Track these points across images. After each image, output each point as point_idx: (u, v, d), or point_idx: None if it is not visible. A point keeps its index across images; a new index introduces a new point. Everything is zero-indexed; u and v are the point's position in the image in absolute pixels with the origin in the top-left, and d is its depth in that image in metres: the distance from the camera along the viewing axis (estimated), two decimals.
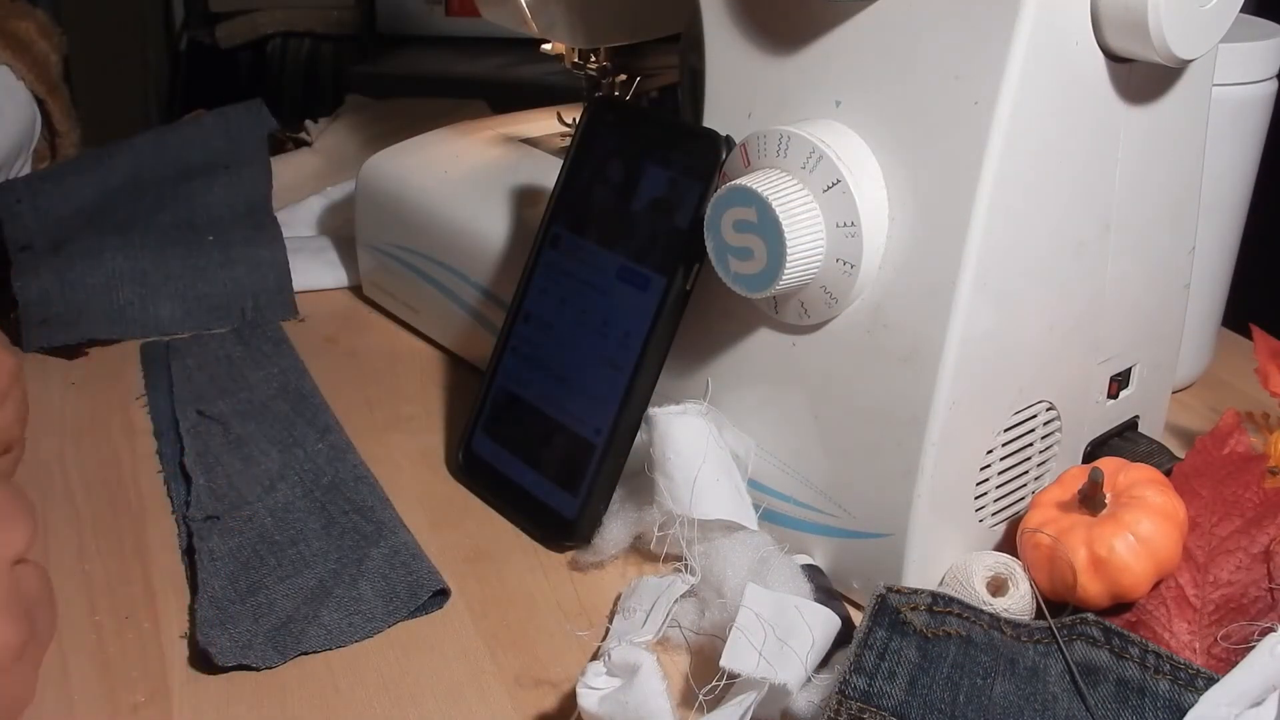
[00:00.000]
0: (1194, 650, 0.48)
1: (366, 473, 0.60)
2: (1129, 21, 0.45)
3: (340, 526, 0.56)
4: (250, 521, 0.56)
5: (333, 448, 0.62)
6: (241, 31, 1.77)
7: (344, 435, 0.63)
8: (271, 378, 0.68)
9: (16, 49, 0.90)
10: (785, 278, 0.48)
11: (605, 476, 0.56)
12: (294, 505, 0.57)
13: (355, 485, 0.58)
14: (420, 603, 0.52)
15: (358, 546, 0.54)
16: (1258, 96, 0.64)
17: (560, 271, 0.59)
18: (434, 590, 0.52)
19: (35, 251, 0.77)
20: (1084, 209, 0.50)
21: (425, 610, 0.52)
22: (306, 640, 0.49)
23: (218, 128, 0.87)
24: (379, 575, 0.53)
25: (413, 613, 0.52)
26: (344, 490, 0.58)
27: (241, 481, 0.59)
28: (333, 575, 0.53)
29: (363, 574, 0.53)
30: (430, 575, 0.53)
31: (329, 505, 0.57)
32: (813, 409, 0.52)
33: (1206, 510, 0.52)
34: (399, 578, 0.53)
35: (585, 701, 0.44)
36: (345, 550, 0.54)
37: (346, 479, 0.59)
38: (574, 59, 0.73)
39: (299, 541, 0.55)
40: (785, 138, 0.49)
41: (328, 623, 0.50)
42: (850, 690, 0.43)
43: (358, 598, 0.52)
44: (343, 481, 0.59)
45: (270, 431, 0.63)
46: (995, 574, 0.51)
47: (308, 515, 0.56)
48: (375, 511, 0.57)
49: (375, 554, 0.54)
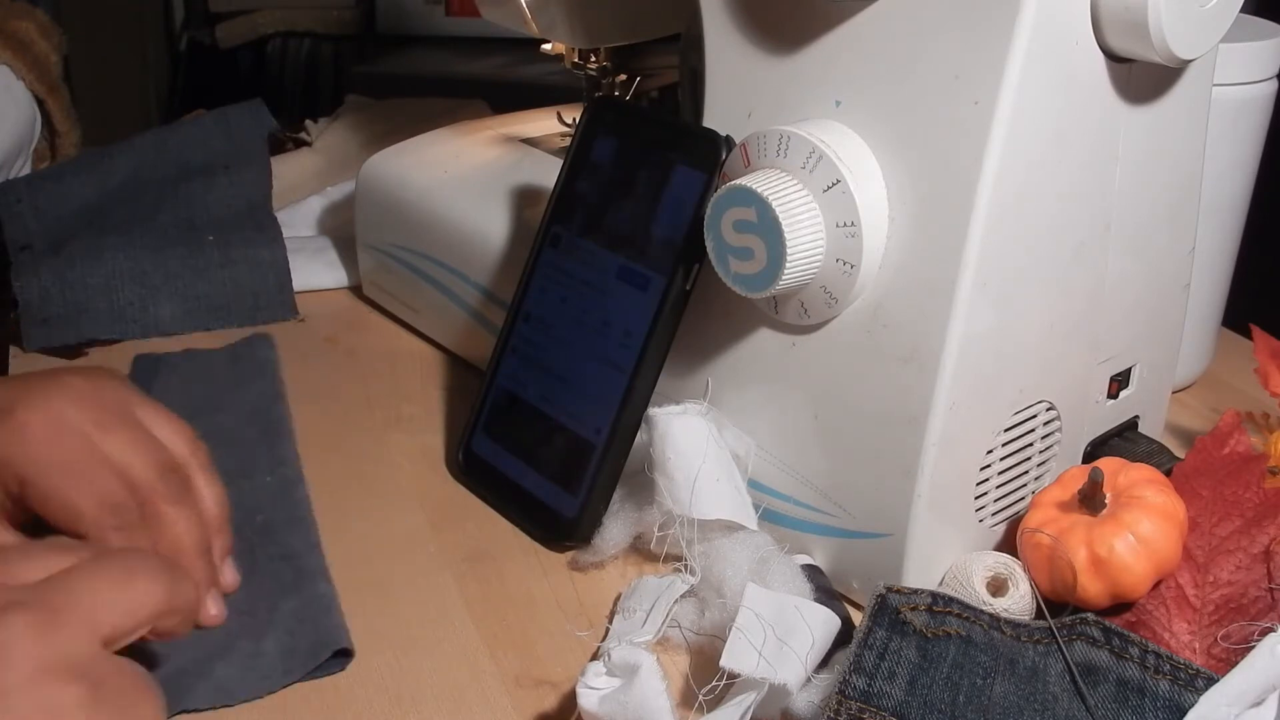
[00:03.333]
0: (1194, 650, 0.48)
1: (305, 512, 0.58)
2: (1129, 21, 0.45)
3: (262, 573, 0.53)
4: None
5: (282, 481, 0.60)
6: (241, 31, 1.77)
7: (297, 466, 0.61)
8: (247, 401, 0.67)
9: (16, 49, 0.90)
10: (785, 278, 0.48)
11: (605, 476, 0.56)
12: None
13: (289, 528, 0.56)
14: (319, 663, 0.49)
15: (271, 596, 0.52)
16: (1258, 96, 0.64)
17: (560, 271, 0.59)
18: (335, 650, 0.49)
19: (35, 251, 0.77)
20: (1084, 209, 0.50)
21: (325, 671, 0.49)
22: (193, 696, 0.47)
23: (218, 128, 0.87)
24: (285, 630, 0.50)
25: (309, 674, 0.48)
26: (276, 534, 0.56)
27: None
28: (240, 625, 0.50)
29: (270, 627, 0.50)
30: (334, 633, 0.50)
31: (257, 549, 0.55)
32: (813, 409, 0.52)
33: (1206, 510, 0.52)
34: (304, 633, 0.50)
35: (585, 701, 0.44)
36: (258, 599, 0.52)
37: (281, 521, 0.57)
38: (574, 59, 0.73)
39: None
40: (785, 138, 0.49)
41: (221, 677, 0.48)
42: (850, 690, 0.43)
43: (258, 653, 0.49)
44: (277, 524, 0.57)
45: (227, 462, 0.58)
46: (995, 574, 0.51)
47: (234, 559, 0.53)
48: (300, 558, 0.54)
49: (286, 607, 0.51)
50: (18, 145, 0.89)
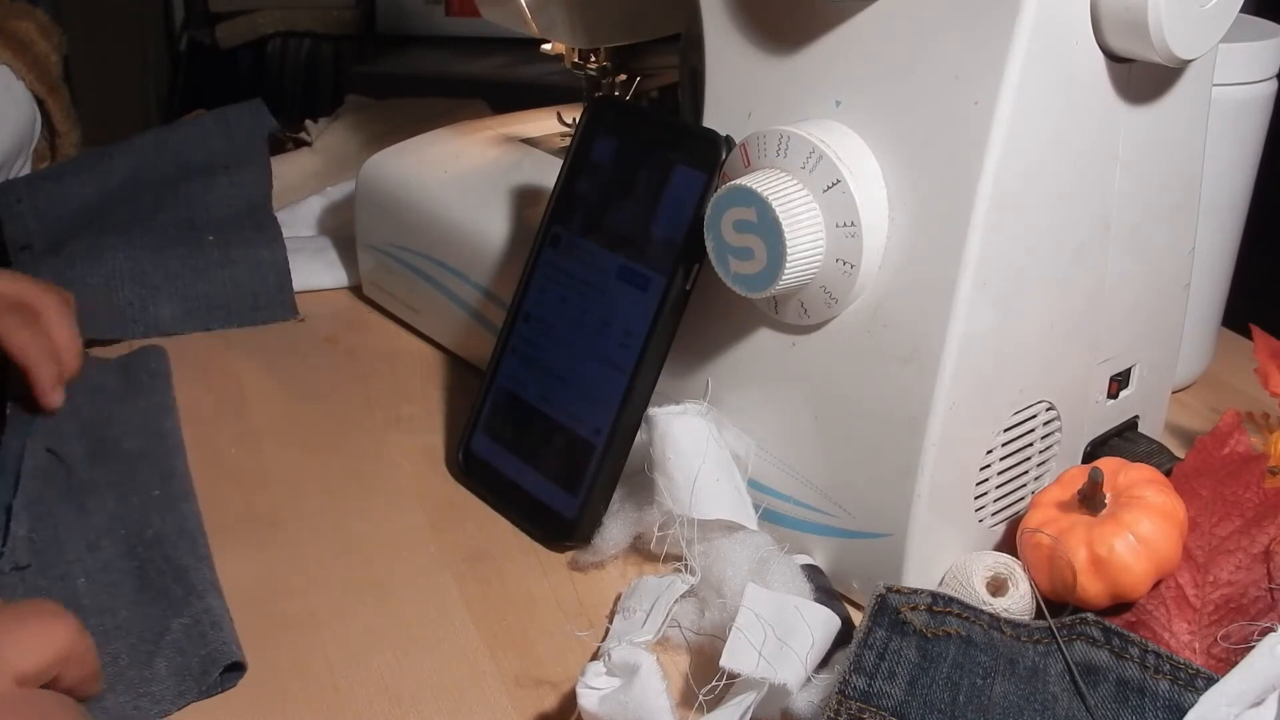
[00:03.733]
0: (1194, 650, 0.48)
1: (194, 525, 0.57)
2: (1129, 21, 0.45)
3: (153, 590, 0.52)
4: (62, 581, 0.53)
5: (169, 496, 0.59)
6: (241, 31, 1.76)
7: (187, 482, 0.60)
8: (136, 413, 0.65)
9: (16, 49, 0.90)
10: (785, 278, 0.48)
11: (605, 476, 0.56)
12: (113, 566, 0.54)
13: (177, 540, 0.55)
14: (211, 680, 0.48)
15: (162, 616, 0.51)
16: (1258, 96, 0.64)
17: (560, 271, 0.59)
18: (226, 664, 0.48)
19: (35, 251, 0.77)
20: (1084, 209, 0.50)
21: (219, 688, 0.48)
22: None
23: (218, 128, 0.87)
24: (175, 649, 0.49)
25: (204, 692, 0.48)
26: (165, 546, 0.55)
27: (68, 534, 0.56)
28: (130, 650, 0.49)
29: (160, 649, 0.49)
30: (224, 648, 0.49)
31: (147, 565, 0.54)
32: (813, 409, 0.52)
33: (1206, 510, 0.52)
34: (194, 651, 0.49)
35: (585, 701, 0.44)
36: (150, 621, 0.51)
37: (170, 533, 0.56)
38: (574, 59, 0.73)
39: (105, 611, 0.51)
40: (785, 138, 0.49)
41: (110, 708, 0.46)
42: (850, 690, 0.43)
43: (150, 677, 0.48)
44: (166, 536, 0.56)
45: (114, 476, 0.60)
46: (995, 574, 0.51)
47: (124, 578, 0.53)
48: (189, 573, 0.53)
49: (176, 625, 0.50)
50: (18, 145, 0.89)
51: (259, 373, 0.72)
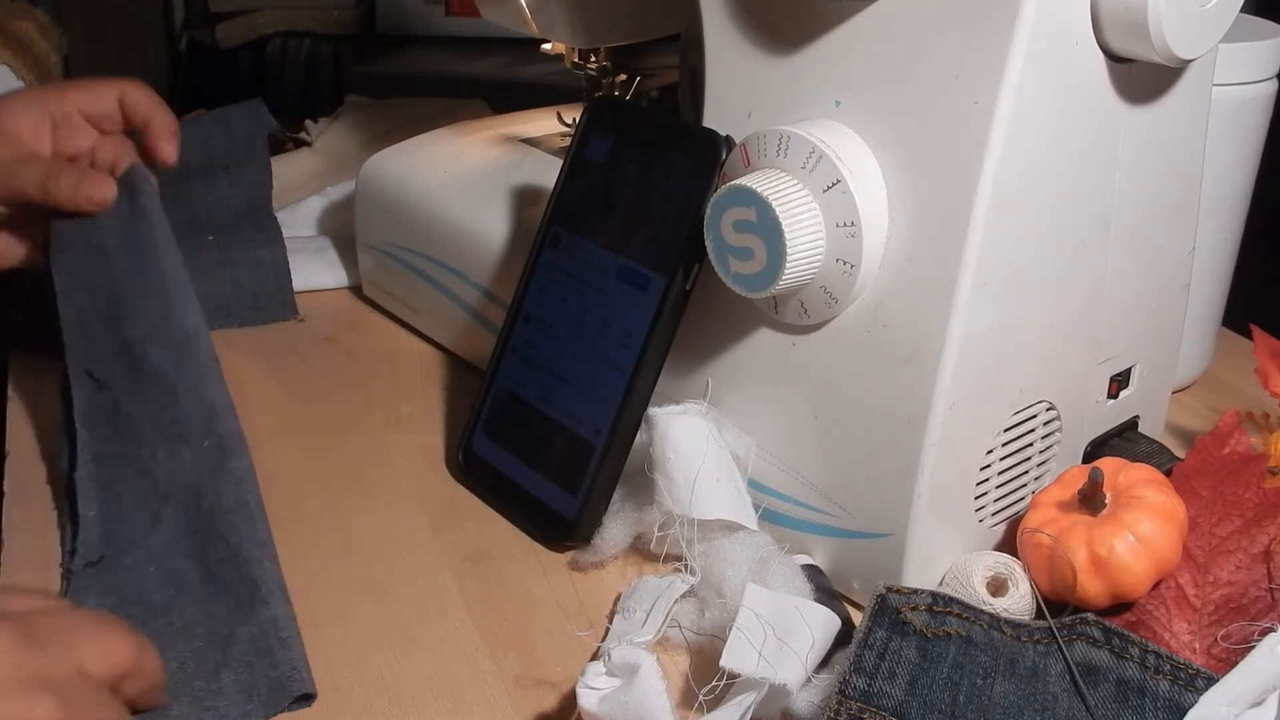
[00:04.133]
0: (1194, 650, 0.47)
1: (250, 495, 0.54)
2: (1129, 21, 0.45)
3: (217, 583, 0.51)
4: (131, 573, 0.52)
5: (220, 449, 0.55)
6: (241, 31, 1.76)
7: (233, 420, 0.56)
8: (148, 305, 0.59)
9: (16, 49, 0.90)
10: (785, 278, 0.48)
11: (605, 476, 0.56)
12: (178, 544, 0.53)
13: (233, 515, 0.53)
14: (281, 708, 0.47)
15: (229, 620, 0.50)
16: (1258, 96, 0.64)
17: (560, 271, 0.59)
18: (297, 695, 0.47)
19: None
20: (1084, 209, 0.50)
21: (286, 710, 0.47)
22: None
23: (218, 128, 0.87)
24: (243, 664, 0.48)
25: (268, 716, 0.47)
26: (221, 523, 0.53)
27: (132, 506, 0.55)
28: (196, 656, 0.48)
29: (227, 660, 0.48)
30: (295, 676, 0.47)
31: (207, 547, 0.52)
32: (813, 409, 0.52)
33: (1206, 510, 0.52)
34: (262, 671, 0.48)
35: (585, 701, 0.44)
36: (216, 622, 0.50)
37: (227, 505, 0.53)
38: (574, 59, 0.73)
39: (172, 608, 0.51)
40: (785, 138, 0.49)
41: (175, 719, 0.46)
42: (850, 690, 0.43)
43: (217, 691, 0.47)
44: (223, 509, 0.53)
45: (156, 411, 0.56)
46: (995, 574, 0.51)
47: (189, 564, 0.52)
48: (251, 566, 0.51)
49: (243, 634, 0.49)
50: None
51: (259, 373, 0.72)
